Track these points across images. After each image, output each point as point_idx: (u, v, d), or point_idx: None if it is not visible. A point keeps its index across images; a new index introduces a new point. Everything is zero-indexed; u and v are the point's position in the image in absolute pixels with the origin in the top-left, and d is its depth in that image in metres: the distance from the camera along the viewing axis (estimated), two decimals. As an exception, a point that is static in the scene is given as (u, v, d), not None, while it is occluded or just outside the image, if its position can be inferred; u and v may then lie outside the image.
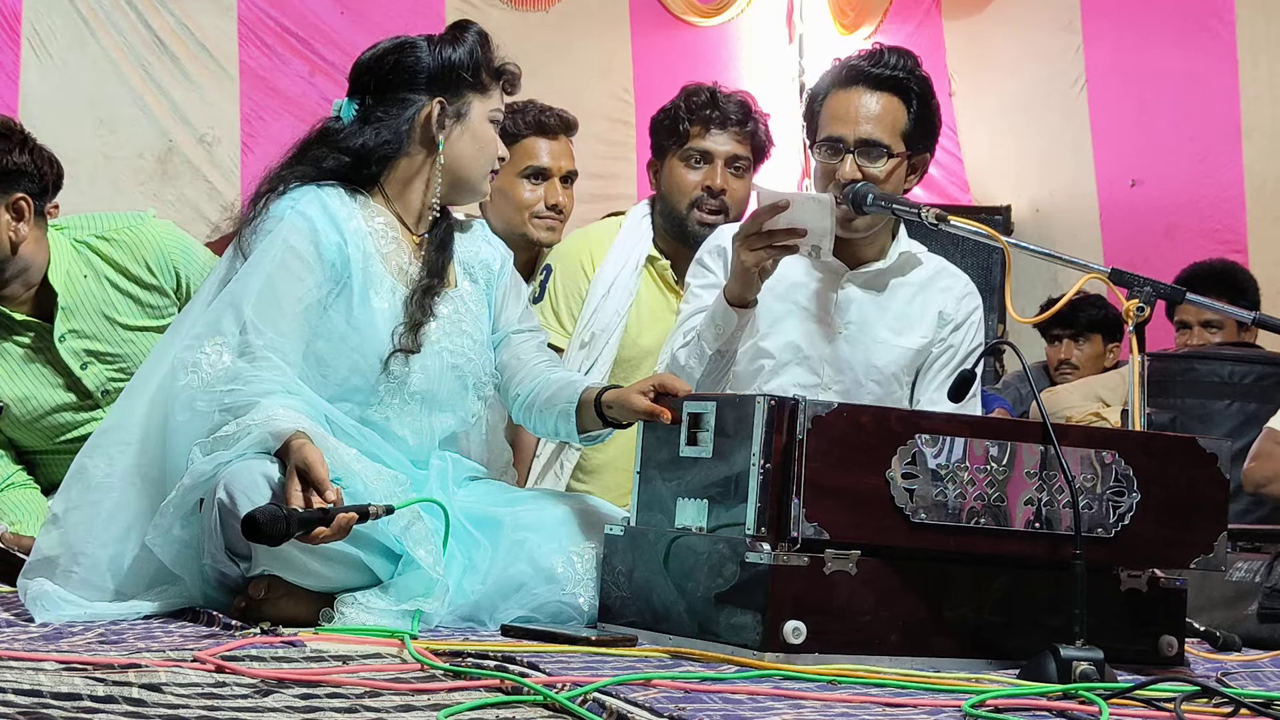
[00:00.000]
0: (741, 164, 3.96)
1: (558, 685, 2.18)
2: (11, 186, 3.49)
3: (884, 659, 2.62)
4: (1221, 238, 6.60)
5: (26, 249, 3.53)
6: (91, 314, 3.61)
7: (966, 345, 3.55)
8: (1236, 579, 3.39)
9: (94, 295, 3.62)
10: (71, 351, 3.60)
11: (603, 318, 3.97)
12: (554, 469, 3.95)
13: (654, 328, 3.96)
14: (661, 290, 4.01)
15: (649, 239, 4.03)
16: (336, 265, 3.02)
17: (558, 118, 4.20)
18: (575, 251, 4.09)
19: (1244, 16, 6.62)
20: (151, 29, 6.37)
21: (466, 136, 3.12)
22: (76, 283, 3.60)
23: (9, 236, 3.50)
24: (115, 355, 3.62)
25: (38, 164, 3.53)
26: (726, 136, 3.95)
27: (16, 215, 3.50)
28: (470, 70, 3.10)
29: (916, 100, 3.45)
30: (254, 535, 2.65)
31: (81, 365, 3.61)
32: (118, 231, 3.65)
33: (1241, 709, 2.27)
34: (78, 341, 3.61)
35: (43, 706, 1.91)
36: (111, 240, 3.64)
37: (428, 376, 3.07)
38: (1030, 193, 7.50)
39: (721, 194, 3.93)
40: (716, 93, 3.98)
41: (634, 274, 4.00)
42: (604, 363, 3.93)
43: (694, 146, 3.95)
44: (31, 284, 3.58)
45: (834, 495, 2.62)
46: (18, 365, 3.60)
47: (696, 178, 3.95)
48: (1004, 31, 7.59)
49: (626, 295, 3.98)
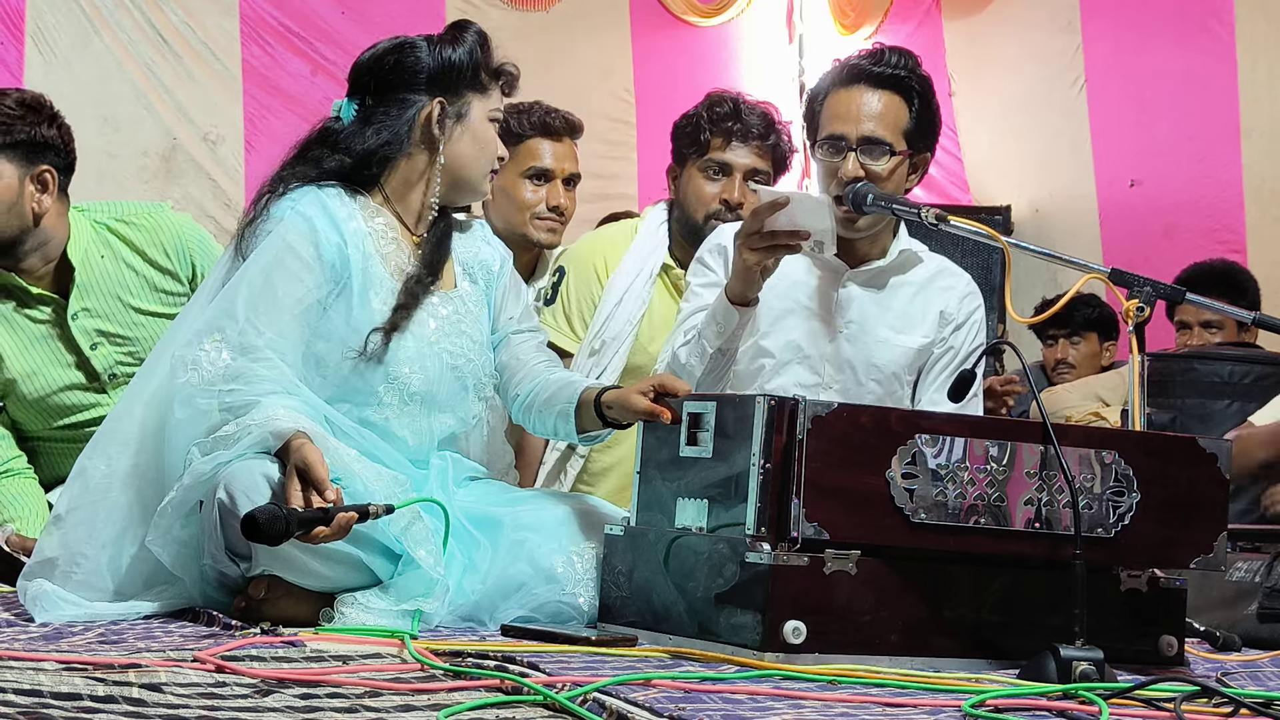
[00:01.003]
0: (761, 178, 3.93)
1: (558, 685, 2.18)
2: (38, 158, 3.53)
3: (884, 659, 2.62)
4: (1220, 238, 6.60)
5: (48, 222, 3.56)
6: (105, 294, 3.64)
7: (967, 345, 3.55)
8: (1236, 579, 3.39)
9: (109, 275, 3.65)
10: (83, 330, 3.62)
11: (614, 326, 3.96)
12: (560, 475, 3.95)
13: (664, 335, 3.91)
14: (674, 298, 3.98)
15: (664, 246, 4.02)
16: (336, 266, 3.02)
17: (562, 119, 4.19)
18: (589, 255, 4.08)
19: (1243, 17, 6.62)
20: (155, 27, 6.38)
21: (467, 136, 3.12)
22: (94, 261, 3.63)
23: (32, 207, 3.53)
24: (125, 338, 3.64)
25: (65, 140, 3.58)
26: (747, 150, 3.92)
27: (41, 187, 3.54)
28: (470, 70, 3.10)
29: (918, 99, 3.46)
30: (254, 535, 2.65)
31: (91, 345, 3.63)
32: (138, 216, 3.70)
33: (1241, 709, 2.27)
34: (90, 320, 3.63)
35: (43, 706, 1.91)
36: (131, 224, 3.69)
37: (427, 377, 3.07)
38: (1030, 193, 7.50)
39: (738, 208, 3.89)
40: (740, 104, 3.94)
41: (648, 283, 3.98)
42: (613, 371, 3.92)
43: (714, 158, 3.92)
44: (50, 259, 3.61)
45: (834, 495, 2.62)
46: (29, 340, 3.62)
47: (715, 190, 3.92)
48: (1004, 31, 7.59)
49: (639, 304, 3.97)
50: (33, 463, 3.68)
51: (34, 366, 3.62)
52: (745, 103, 3.96)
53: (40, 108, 3.57)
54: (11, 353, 3.61)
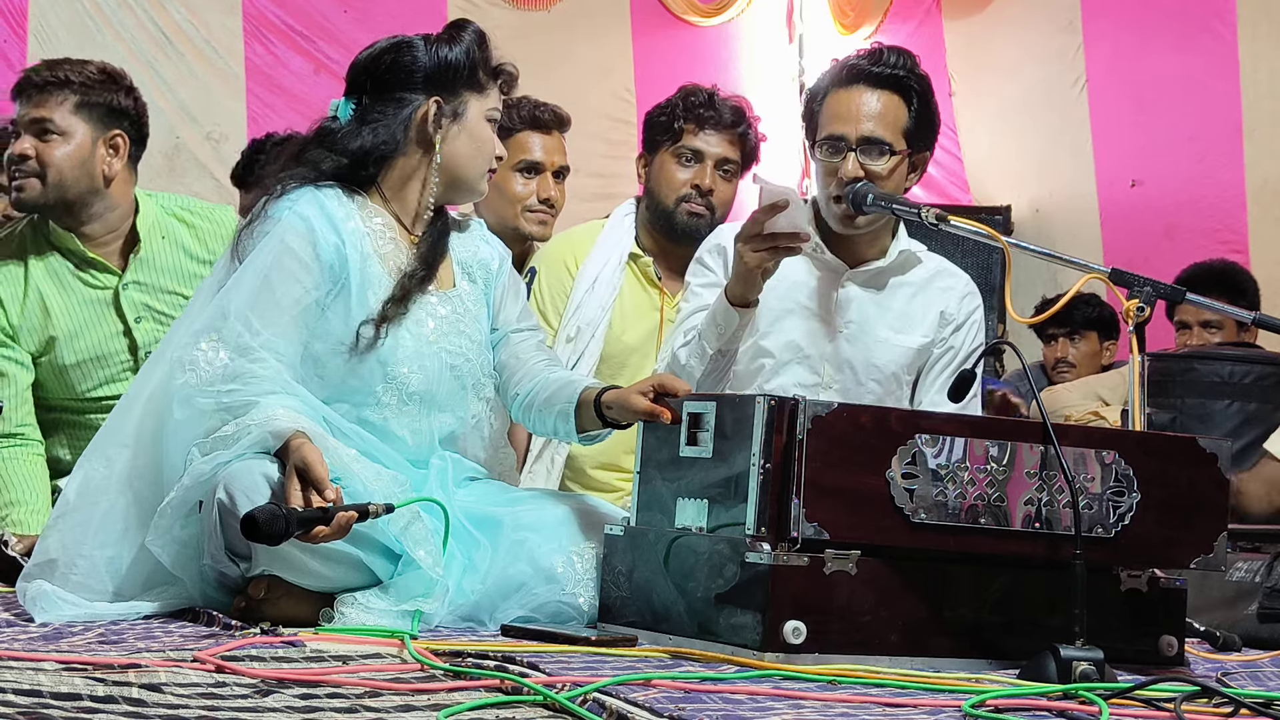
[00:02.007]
0: (730, 167, 4.05)
1: (558, 685, 2.18)
2: (113, 123, 3.67)
3: (884, 659, 2.62)
4: (1222, 238, 6.60)
5: (115, 189, 3.68)
6: (159, 272, 3.74)
7: (967, 346, 3.55)
8: (1236, 579, 3.39)
9: (167, 257, 3.75)
10: (131, 302, 3.71)
11: (587, 312, 4.03)
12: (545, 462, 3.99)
13: (638, 325, 4.05)
14: (644, 287, 4.09)
15: (631, 236, 4.11)
16: (334, 266, 3.02)
17: (551, 113, 4.29)
18: (559, 253, 4.17)
19: (1245, 17, 6.62)
20: (158, 25, 6.38)
21: (463, 136, 3.12)
22: (155, 240, 3.74)
23: (103, 169, 3.65)
24: (168, 317, 3.70)
25: (139, 112, 3.72)
26: (719, 138, 4.03)
27: (113, 151, 3.67)
28: (467, 69, 3.10)
29: (917, 99, 3.46)
30: (253, 534, 2.65)
31: (136, 318, 3.71)
32: (204, 211, 3.85)
33: (1241, 709, 2.27)
34: (139, 294, 3.72)
35: (43, 706, 1.91)
36: (197, 213, 3.82)
37: (426, 377, 3.07)
38: (1030, 193, 7.49)
39: (709, 194, 4.00)
40: (714, 95, 4.06)
41: (617, 269, 4.07)
42: (590, 356, 3.99)
43: (687, 145, 4.02)
44: (111, 228, 3.71)
45: (834, 495, 2.62)
46: (79, 302, 3.70)
47: (686, 175, 4.02)
48: (1004, 32, 7.58)
49: (610, 290, 4.05)
50: (46, 439, 3.70)
51: (78, 328, 3.69)
52: (719, 94, 4.07)
53: (120, 78, 3.71)
54: (59, 310, 3.68)
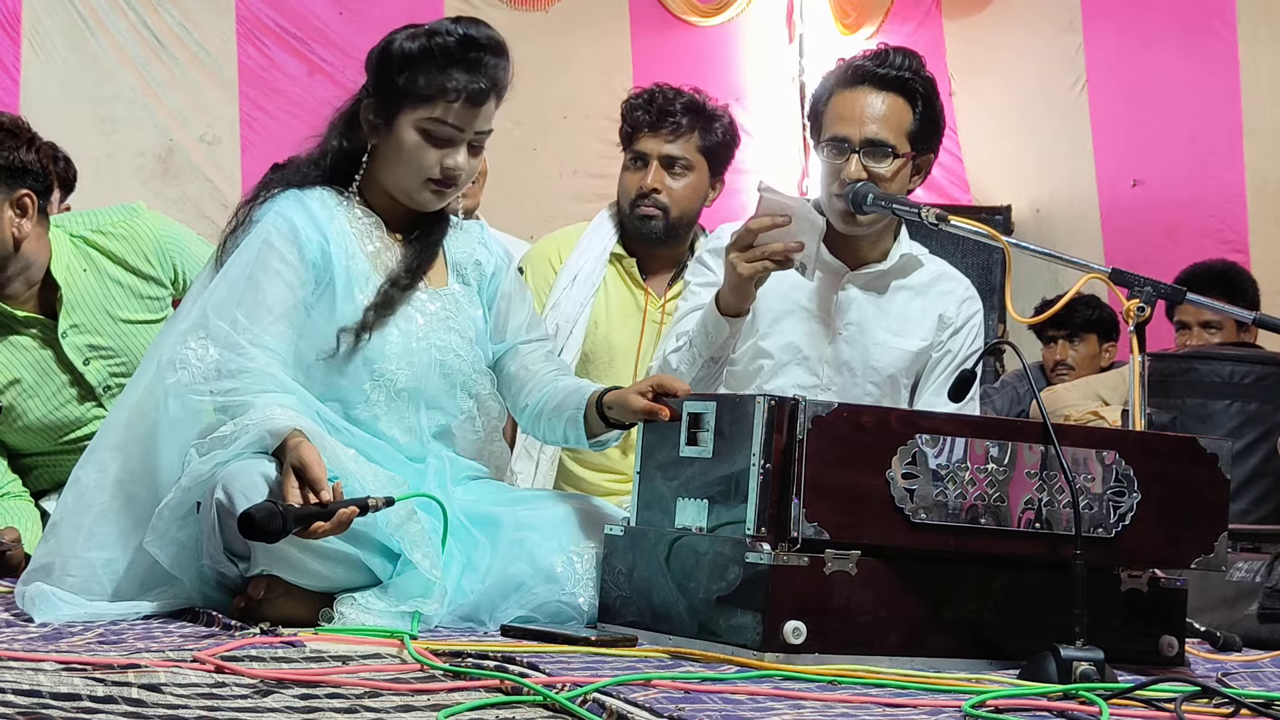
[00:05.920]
0: (680, 164, 4.00)
1: (558, 685, 2.18)
2: (17, 183, 3.49)
3: (884, 659, 2.62)
4: (1223, 238, 6.60)
5: (29, 246, 3.54)
6: (92, 308, 3.63)
7: (965, 350, 3.55)
8: (1236, 579, 3.39)
9: (94, 289, 3.63)
10: (74, 347, 3.62)
11: (566, 308, 4.05)
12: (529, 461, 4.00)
13: (624, 326, 4.07)
14: (629, 287, 4.11)
15: (614, 237, 4.12)
16: (318, 264, 2.99)
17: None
18: (545, 252, 4.21)
19: (1245, 17, 6.62)
20: (150, 29, 6.39)
21: (392, 143, 3.01)
22: (77, 277, 3.62)
23: (12, 233, 3.51)
24: (114, 350, 3.64)
25: (43, 162, 3.54)
26: (658, 139, 4.00)
27: (20, 212, 3.51)
28: (407, 73, 2.95)
29: (922, 101, 3.44)
30: (250, 533, 2.64)
31: (84, 361, 3.63)
32: (113, 225, 3.68)
33: (1242, 709, 2.27)
34: (79, 336, 3.62)
35: (42, 707, 1.91)
36: (108, 234, 3.67)
37: (414, 373, 3.05)
38: (1030, 193, 7.49)
39: (654, 193, 3.99)
40: (656, 94, 4.03)
41: (597, 265, 4.08)
42: (569, 353, 4.00)
43: (634, 149, 4.05)
44: (33, 282, 3.59)
45: (834, 495, 2.62)
46: (24, 364, 3.61)
47: (635, 179, 4.03)
48: (1004, 32, 7.58)
49: (589, 287, 4.06)
50: (26, 479, 3.69)
51: (30, 389, 3.61)
52: (668, 91, 4.03)
53: (17, 132, 3.53)
54: (7, 377, 3.60)
